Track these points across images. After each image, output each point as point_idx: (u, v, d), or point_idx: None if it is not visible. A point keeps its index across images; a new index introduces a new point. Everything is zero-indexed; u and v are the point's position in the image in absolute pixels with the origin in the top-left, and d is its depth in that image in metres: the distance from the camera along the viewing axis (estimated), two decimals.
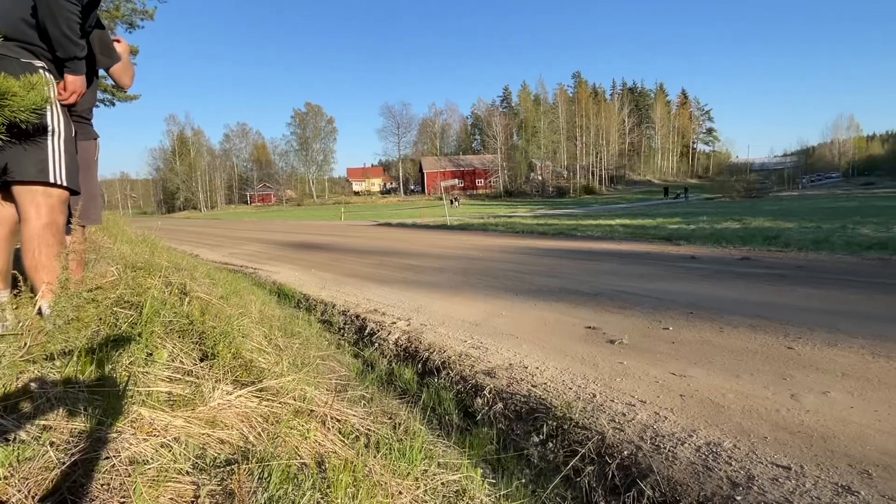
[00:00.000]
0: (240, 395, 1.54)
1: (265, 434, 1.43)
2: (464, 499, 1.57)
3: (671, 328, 3.86)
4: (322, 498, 1.21)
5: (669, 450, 2.13)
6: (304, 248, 12.35)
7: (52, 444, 1.10)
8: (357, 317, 5.00)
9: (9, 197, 1.97)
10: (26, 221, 1.91)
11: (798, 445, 2.08)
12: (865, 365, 2.90)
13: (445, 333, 4.15)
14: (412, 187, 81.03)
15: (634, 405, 2.57)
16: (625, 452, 2.16)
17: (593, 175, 74.95)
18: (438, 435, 2.54)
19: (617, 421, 2.42)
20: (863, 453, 1.98)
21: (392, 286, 6.47)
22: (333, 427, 1.69)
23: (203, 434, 1.32)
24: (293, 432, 1.47)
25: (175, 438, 1.25)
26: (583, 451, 2.22)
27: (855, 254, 7.10)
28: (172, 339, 1.99)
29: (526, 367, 3.21)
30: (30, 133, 1.83)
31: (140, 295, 2.27)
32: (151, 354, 1.72)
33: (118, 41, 2.54)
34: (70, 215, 2.06)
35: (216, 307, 2.93)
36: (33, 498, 0.95)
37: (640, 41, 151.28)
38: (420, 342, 3.98)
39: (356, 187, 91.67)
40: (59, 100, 2.01)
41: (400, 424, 2.24)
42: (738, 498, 1.77)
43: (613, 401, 2.64)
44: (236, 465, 1.19)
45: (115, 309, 2.03)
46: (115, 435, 1.20)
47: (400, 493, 1.36)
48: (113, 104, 19.47)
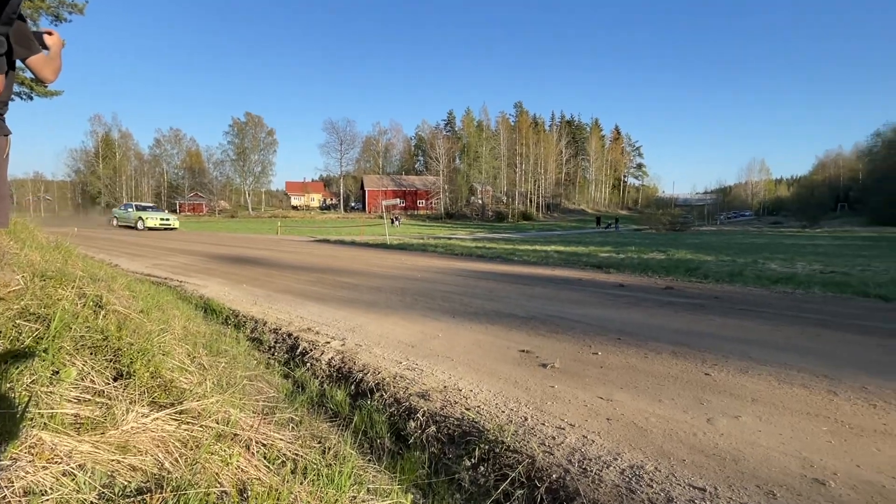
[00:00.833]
0: (157, 418, 1.44)
1: (183, 460, 1.34)
2: None
3: (600, 353, 4.00)
4: None
5: (596, 473, 2.19)
6: (236, 262, 11.87)
7: None
8: (289, 335, 4.84)
9: None
10: None
11: (713, 468, 2.20)
12: (772, 391, 3.12)
13: (381, 354, 4.09)
14: (353, 204, 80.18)
15: (564, 428, 2.63)
16: (553, 476, 2.20)
17: (531, 202, 77.26)
18: (369, 459, 2.48)
19: (547, 444, 2.46)
20: (769, 475, 2.13)
21: (328, 304, 6.33)
22: (258, 452, 1.61)
23: (113, 460, 1.22)
24: (214, 458, 1.39)
25: (80, 465, 1.15)
26: (513, 475, 2.23)
27: (764, 287, 7.69)
28: (83, 356, 1.84)
29: (460, 390, 3.22)
30: None
31: (49, 307, 2.10)
32: (58, 372, 1.58)
33: (49, 33, 2.37)
34: None
35: (135, 322, 2.75)
36: None
37: (580, 77, 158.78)
38: (354, 363, 3.90)
39: (295, 201, 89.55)
40: None
41: (329, 449, 2.17)
42: None
43: (544, 424, 2.69)
44: (148, 495, 1.10)
45: (19, 322, 1.86)
46: (9, 463, 1.09)
47: None
48: (31, 98, 18.09)
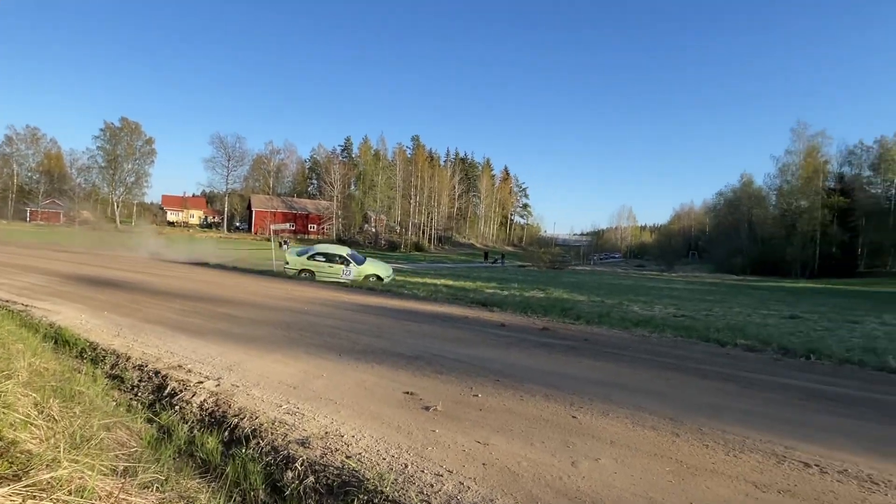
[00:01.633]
0: None
1: None
2: None
3: (480, 395, 4.18)
4: None
5: None
6: (98, 285, 10.69)
7: None
8: (157, 373, 4.47)
9: None
10: None
11: None
12: (627, 433, 3.47)
13: (259, 396, 3.93)
14: (238, 224, 75.79)
15: (442, 475, 2.72)
16: None
17: (423, 233, 78.61)
18: None
19: (425, 493, 2.53)
20: None
21: (203, 338, 5.93)
22: None
23: None
24: None
25: None
26: None
27: (627, 329, 8.50)
28: None
29: (342, 436, 3.19)
30: None
31: None
32: None
33: None
34: None
35: None
36: None
37: (475, 118, 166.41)
38: (230, 406, 3.70)
39: (172, 217, 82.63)
40: None
41: None
42: None
43: (423, 471, 2.76)
44: None
45: None
46: None
47: None
48: None
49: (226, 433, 3.37)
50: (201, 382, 4.21)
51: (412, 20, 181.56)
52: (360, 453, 2.95)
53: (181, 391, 4.05)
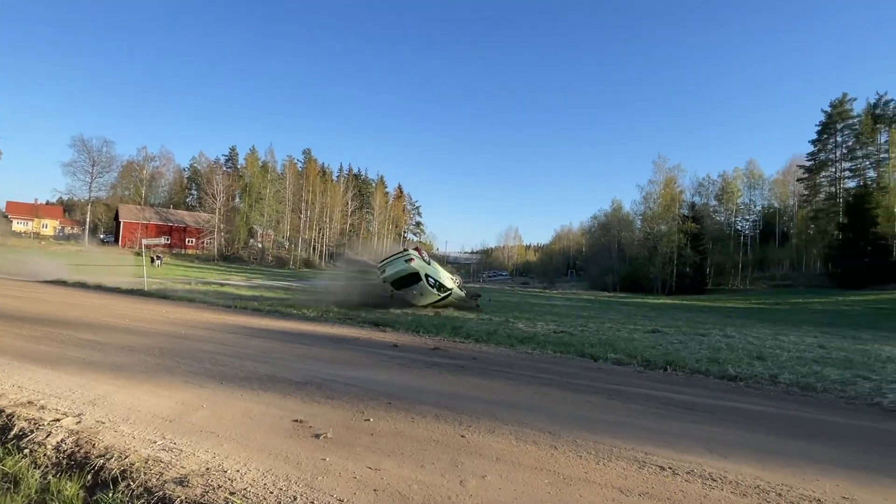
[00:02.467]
0: None
1: None
2: None
3: (372, 419, 4.19)
4: None
5: None
6: None
7: None
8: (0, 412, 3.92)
9: None
10: None
11: None
12: (512, 449, 3.69)
13: (129, 433, 3.61)
14: (103, 237, 68.12)
15: None
16: None
17: (314, 249, 76.36)
18: None
19: None
20: None
21: (60, 369, 5.30)
22: None
23: None
24: None
25: None
26: None
27: (512, 347, 8.96)
28: None
29: (225, 471, 3.04)
30: None
31: None
32: None
33: None
34: None
35: None
36: None
37: (368, 134, 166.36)
38: (94, 445, 3.36)
39: (18, 226, 72.28)
40: None
41: None
42: None
43: (314, 502, 2.72)
44: None
45: None
46: None
47: None
48: None
49: (89, 476, 3.05)
50: (58, 420, 3.77)
51: (301, 29, 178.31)
52: (246, 488, 2.84)
53: (32, 431, 3.60)
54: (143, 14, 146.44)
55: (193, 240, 67.67)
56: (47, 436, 3.52)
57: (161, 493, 2.79)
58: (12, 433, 3.62)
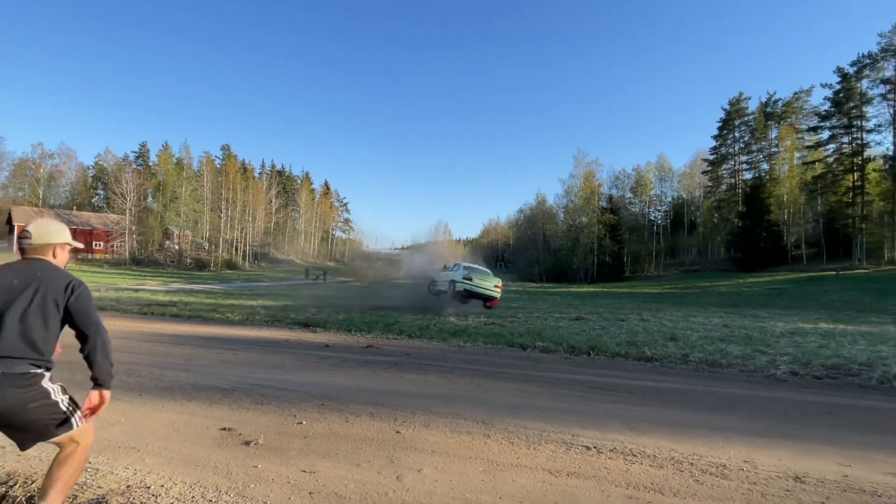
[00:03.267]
0: None
1: None
2: None
3: (304, 422, 4.12)
4: None
5: None
6: None
7: None
8: None
9: None
10: None
11: None
12: (446, 441, 3.76)
13: (36, 455, 3.32)
14: None
15: None
16: None
17: (237, 250, 73.00)
18: None
19: None
20: None
21: None
22: None
23: None
24: None
25: None
26: None
27: (444, 341, 9.09)
28: None
29: (148, 487, 2.89)
30: None
31: None
32: None
33: None
34: None
35: None
36: None
37: (292, 130, 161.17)
38: None
39: None
40: None
41: None
42: None
43: None
44: None
45: None
46: None
47: None
48: None
49: None
50: None
51: (213, 19, 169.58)
52: (172, 503, 2.72)
53: None
54: None
55: (101, 243, 62.53)
56: None
57: None
58: None
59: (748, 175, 62.30)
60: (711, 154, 66.30)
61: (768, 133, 60.09)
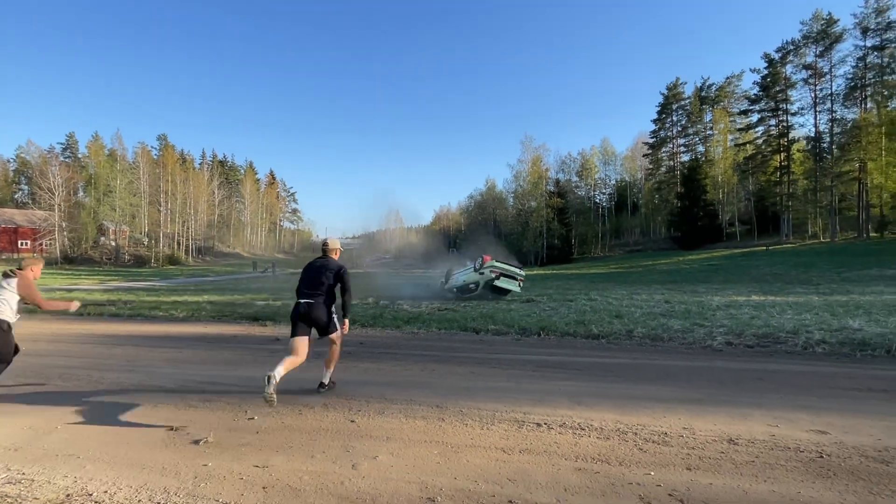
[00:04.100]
0: None
1: None
2: None
3: (256, 417, 4.05)
4: None
5: None
6: None
7: None
8: None
9: None
10: None
11: None
12: (402, 426, 3.79)
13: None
14: None
15: None
16: None
17: (179, 244, 70.00)
18: None
19: None
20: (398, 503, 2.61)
21: None
22: None
23: None
24: None
25: None
26: None
27: (398, 328, 9.09)
28: None
29: (90, 495, 2.77)
30: None
31: None
32: None
33: None
34: None
35: None
36: None
37: (233, 118, 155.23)
38: None
39: None
40: None
41: None
42: None
43: None
44: None
45: None
46: None
47: None
48: None
49: None
50: None
51: (141, 2, 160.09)
52: None
53: None
54: None
55: (28, 242, 58.50)
56: None
57: None
58: None
59: (686, 157, 65.08)
60: (651, 138, 68.77)
61: (703, 117, 62.88)
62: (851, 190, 44.08)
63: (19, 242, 58.14)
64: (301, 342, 4.53)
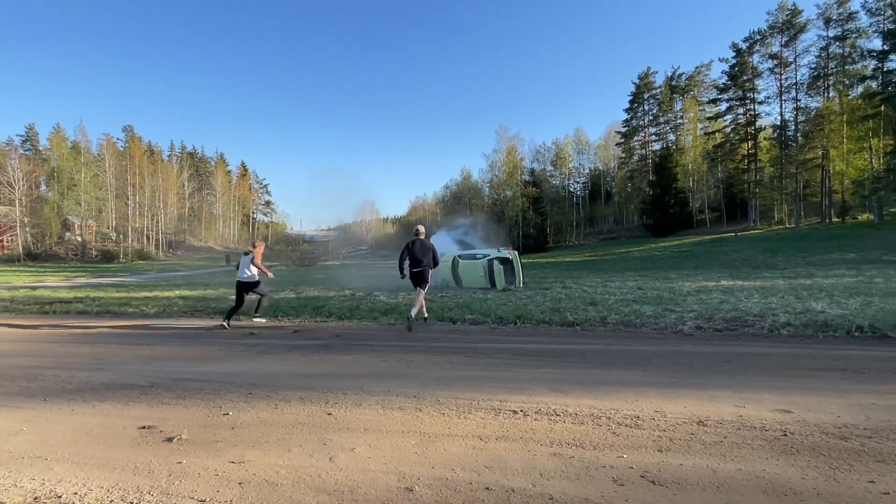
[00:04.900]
0: None
1: None
2: None
3: (231, 412, 4.01)
4: None
5: None
6: None
7: None
8: None
9: None
10: None
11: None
12: (379, 418, 3.80)
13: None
14: None
15: None
16: None
17: (149, 239, 68.31)
18: None
19: None
20: (375, 495, 2.61)
21: None
22: None
23: None
24: None
25: None
26: None
27: (375, 320, 9.07)
28: None
29: (59, 497, 2.71)
30: None
31: None
32: None
33: None
34: None
35: None
36: None
37: (201, 108, 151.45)
38: None
39: None
40: None
41: None
42: None
43: None
44: None
45: None
46: None
47: None
48: None
49: None
50: None
51: None
52: None
53: None
54: None
55: None
56: None
57: None
58: None
59: (657, 146, 66.13)
60: (624, 126, 69.61)
61: (674, 105, 63.88)
62: (815, 177, 45.46)
63: None
64: (420, 293, 8.21)
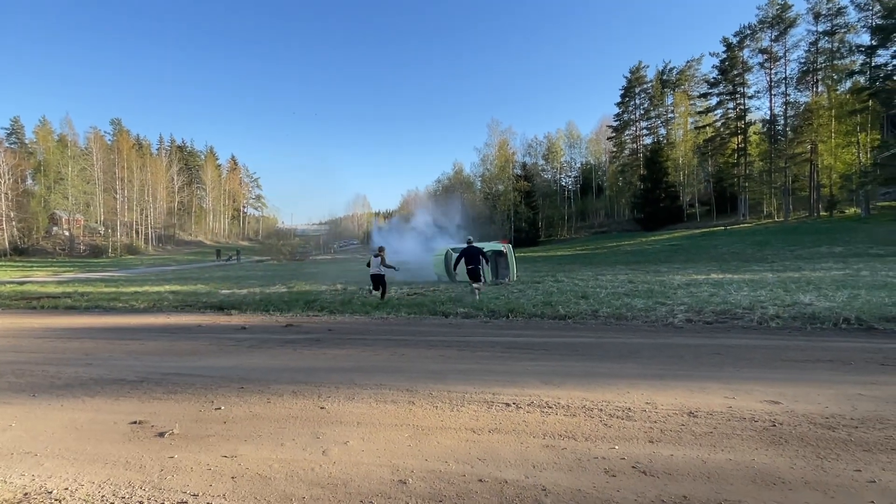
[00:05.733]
0: None
1: None
2: None
3: (223, 407, 3.99)
4: None
5: None
6: None
7: None
8: None
9: None
10: None
11: (327, 497, 2.56)
12: (372, 411, 3.80)
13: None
14: None
15: (187, 502, 2.56)
16: None
17: (138, 233, 67.65)
18: None
19: None
20: (369, 488, 2.62)
21: None
22: None
23: None
24: None
25: None
26: None
27: (367, 314, 9.07)
28: None
29: (50, 492, 2.69)
30: None
31: None
32: None
33: None
34: None
35: None
36: None
37: (191, 101, 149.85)
38: None
39: None
40: None
41: None
42: None
43: (164, 503, 2.55)
44: None
45: None
46: None
47: None
48: None
49: None
50: None
51: None
52: None
53: None
54: None
55: None
56: None
57: None
58: None
59: (648, 140, 66.33)
60: (615, 121, 69.68)
61: (665, 100, 64.03)
62: (804, 171, 45.81)
63: None
64: (477, 285, 10.56)
